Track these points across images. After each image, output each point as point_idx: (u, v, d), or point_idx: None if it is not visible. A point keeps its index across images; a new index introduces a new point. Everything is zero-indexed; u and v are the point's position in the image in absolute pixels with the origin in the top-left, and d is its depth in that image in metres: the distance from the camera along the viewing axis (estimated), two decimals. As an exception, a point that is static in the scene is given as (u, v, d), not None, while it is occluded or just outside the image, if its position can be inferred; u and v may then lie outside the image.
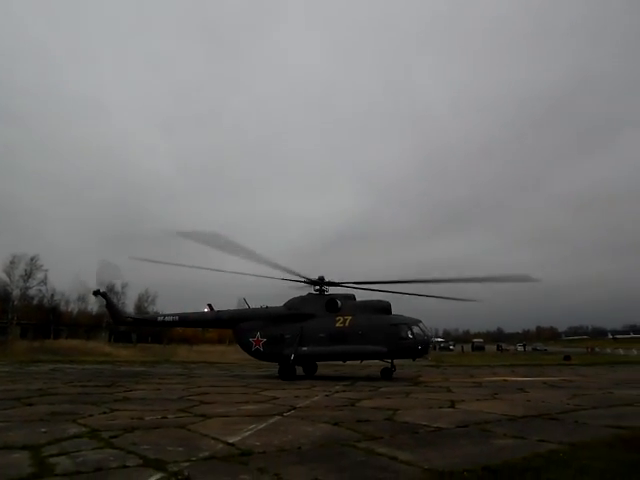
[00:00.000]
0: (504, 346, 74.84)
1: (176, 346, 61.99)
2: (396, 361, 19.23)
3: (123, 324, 25.70)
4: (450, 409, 9.46)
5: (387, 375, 18.94)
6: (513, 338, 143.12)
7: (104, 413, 8.28)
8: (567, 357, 41.76)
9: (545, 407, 9.57)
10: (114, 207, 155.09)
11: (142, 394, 11.86)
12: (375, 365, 21.14)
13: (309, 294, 20.75)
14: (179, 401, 10.41)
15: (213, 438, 6.09)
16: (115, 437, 6.03)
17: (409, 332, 18.60)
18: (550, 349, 79.09)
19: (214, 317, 21.65)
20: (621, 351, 53.52)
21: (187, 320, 22.51)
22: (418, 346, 18.72)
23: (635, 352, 47.06)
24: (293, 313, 19.88)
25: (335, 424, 7.35)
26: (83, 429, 6.64)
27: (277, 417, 8.11)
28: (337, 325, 18.97)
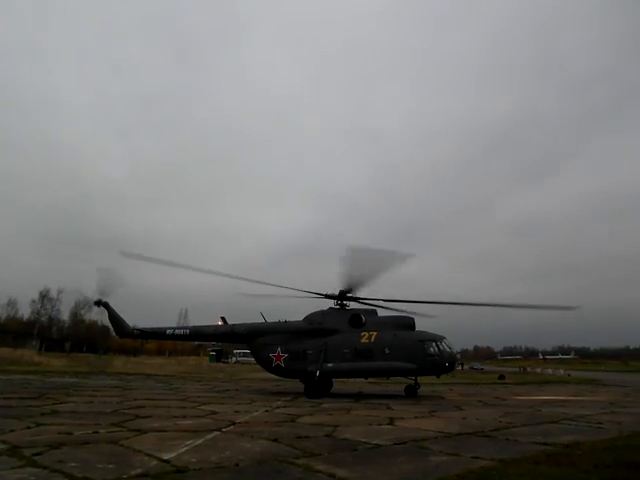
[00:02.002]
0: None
1: (112, 357, 59.48)
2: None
3: (129, 337, 23.72)
4: (389, 426, 9.59)
5: (412, 393, 18.60)
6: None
7: (28, 428, 7.71)
8: (501, 376, 43.37)
9: (479, 425, 9.89)
10: (58, 210, 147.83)
11: (73, 407, 11.21)
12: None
13: (330, 308, 20.17)
14: (113, 415, 9.94)
15: (147, 454, 5.85)
16: (39, 454, 5.65)
17: (436, 348, 18.36)
18: (486, 368, 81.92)
19: (229, 331, 20.80)
20: (550, 371, 56.27)
21: (199, 334, 21.46)
22: (445, 363, 18.48)
23: (562, 372, 49.67)
24: (315, 328, 19.21)
25: (274, 440, 7.27)
26: (2, 446, 6.15)
27: (215, 432, 7.92)
28: (362, 341, 18.43)
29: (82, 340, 78.72)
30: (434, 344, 18.33)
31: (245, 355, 76.28)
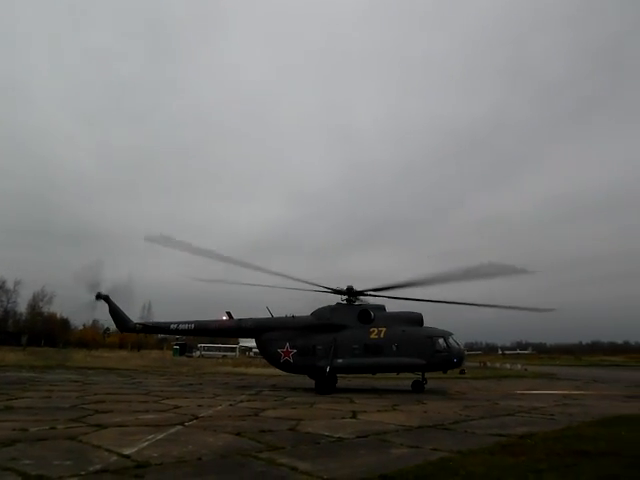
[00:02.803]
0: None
1: (72, 350, 57.83)
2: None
3: (131, 331, 23.06)
4: (352, 419, 9.73)
5: (419, 388, 18.67)
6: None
7: (-20, 424, 7.48)
8: (462, 371, 44.25)
9: (440, 418, 10.15)
10: (23, 199, 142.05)
11: (29, 402, 10.89)
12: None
13: (338, 304, 19.89)
14: (71, 410, 9.71)
15: (107, 450, 5.76)
16: (-9, 452, 5.48)
17: (445, 344, 18.43)
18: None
19: (235, 326, 20.46)
20: (508, 365, 58.06)
21: (205, 328, 21.03)
22: (454, 359, 18.61)
23: (519, 366, 51.42)
24: (324, 323, 19.03)
25: (238, 434, 7.27)
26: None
27: (178, 427, 7.86)
28: (372, 337, 18.36)
29: (40, 333, 76.15)
30: (442, 340, 18.47)
31: (210, 349, 75.75)
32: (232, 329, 20.86)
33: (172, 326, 20.80)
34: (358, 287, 19.62)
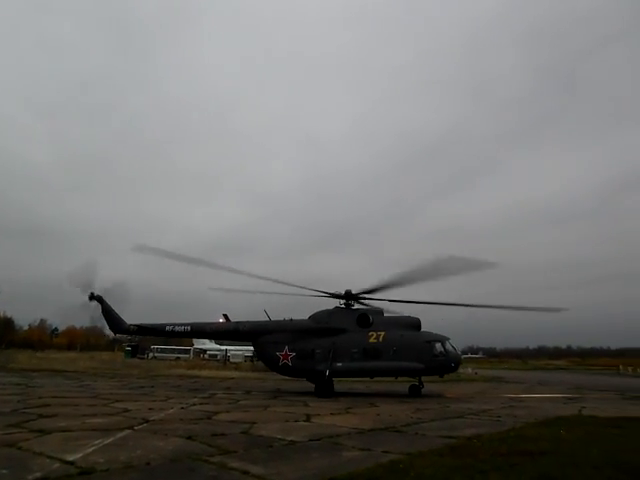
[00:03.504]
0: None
1: (16, 351, 55.12)
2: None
3: (125, 333, 22.46)
4: (305, 422, 9.76)
5: (416, 392, 18.70)
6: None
7: None
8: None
9: (392, 420, 10.32)
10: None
11: (-36, 407, 10.32)
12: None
13: (336, 308, 19.86)
14: (12, 415, 9.27)
15: (49, 456, 5.54)
16: None
17: (443, 349, 18.54)
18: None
19: (233, 328, 20.19)
20: (459, 369, 59.70)
21: (201, 331, 20.78)
22: (451, 363, 18.80)
23: (470, 370, 52.96)
24: (323, 327, 18.96)
25: (189, 438, 7.16)
26: None
27: (127, 431, 7.65)
28: (371, 341, 18.35)
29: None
30: (440, 344, 18.69)
31: (163, 351, 73.90)
32: (229, 331, 20.76)
33: (168, 328, 20.51)
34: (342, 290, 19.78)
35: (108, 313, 20.74)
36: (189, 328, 20.27)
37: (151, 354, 72.83)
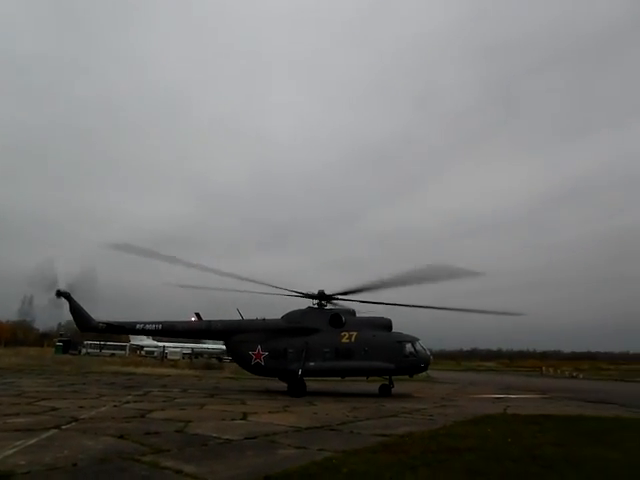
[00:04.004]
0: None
1: None
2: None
3: (93, 331, 21.57)
4: (242, 421, 9.72)
5: (386, 392, 18.90)
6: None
7: None
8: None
9: (328, 419, 10.48)
10: None
11: None
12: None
13: (309, 308, 19.85)
14: None
15: (-37, 459, 5.19)
16: None
17: (413, 349, 18.81)
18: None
19: (205, 327, 19.79)
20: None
21: (172, 329, 20.21)
22: (421, 363, 19.18)
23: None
24: (295, 327, 18.92)
25: (120, 437, 6.95)
26: None
27: (54, 430, 7.31)
28: (343, 341, 18.50)
29: None
30: (410, 345, 19.07)
31: (97, 347, 70.90)
32: (201, 330, 20.65)
33: (138, 326, 19.98)
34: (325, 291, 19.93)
35: (76, 310, 19.97)
36: (160, 326, 19.88)
37: (84, 350, 69.75)
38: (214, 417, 10.07)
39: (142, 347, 71.96)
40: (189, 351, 58.96)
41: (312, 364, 18.21)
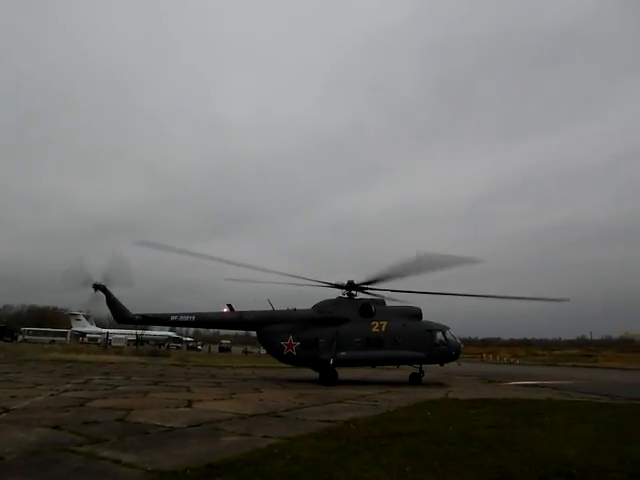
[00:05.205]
0: (249, 349, 78.31)
1: None
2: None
3: (129, 322, 22.11)
4: (187, 409, 9.57)
5: (417, 380, 19.03)
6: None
7: None
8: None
9: (274, 406, 10.51)
10: None
11: None
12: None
13: (339, 298, 19.80)
14: None
15: None
16: None
17: (444, 338, 18.86)
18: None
19: (237, 318, 19.86)
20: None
21: (205, 320, 20.31)
22: (452, 352, 19.23)
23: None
24: (326, 317, 18.99)
25: (56, 427, 6.69)
26: None
27: (-19, 423, 6.92)
28: (373, 330, 18.63)
29: None
30: (441, 333, 19.22)
31: (36, 333, 67.86)
32: (233, 321, 20.67)
33: (172, 317, 20.26)
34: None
35: (112, 303, 20.61)
36: (193, 318, 20.18)
37: (21, 337, 66.54)
38: (158, 405, 9.86)
39: (84, 333, 69.58)
40: (133, 337, 57.28)
41: (343, 354, 18.57)
